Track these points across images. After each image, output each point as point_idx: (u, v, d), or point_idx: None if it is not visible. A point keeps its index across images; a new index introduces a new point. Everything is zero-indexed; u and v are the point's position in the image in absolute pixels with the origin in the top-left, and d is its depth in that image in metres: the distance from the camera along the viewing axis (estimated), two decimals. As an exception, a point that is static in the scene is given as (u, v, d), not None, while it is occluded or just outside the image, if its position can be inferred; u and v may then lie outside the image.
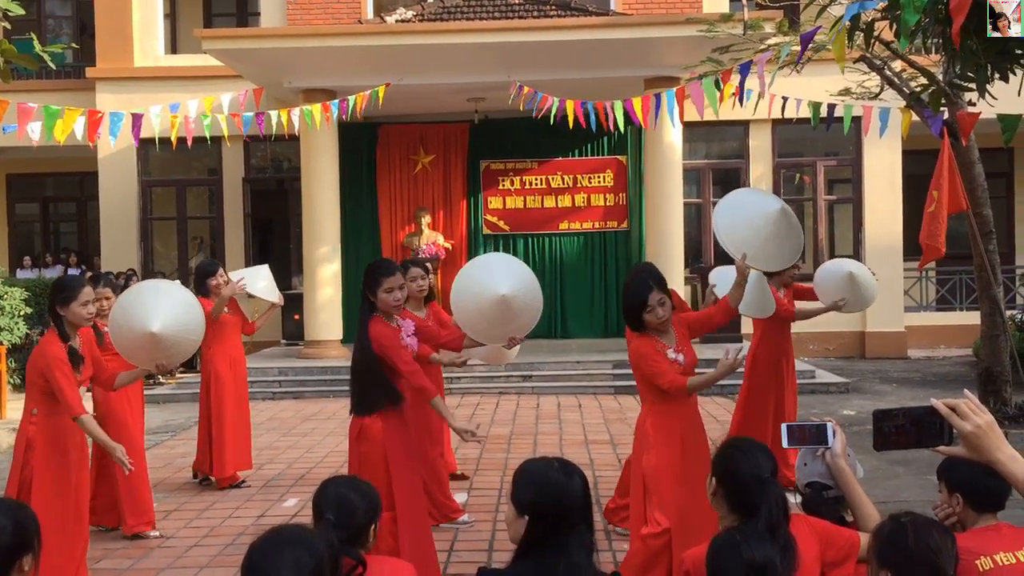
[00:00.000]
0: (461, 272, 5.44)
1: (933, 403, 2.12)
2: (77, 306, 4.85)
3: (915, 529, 2.41)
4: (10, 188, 18.49)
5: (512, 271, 5.27)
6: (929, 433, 2.13)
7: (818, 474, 3.02)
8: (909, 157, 14.61)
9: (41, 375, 4.78)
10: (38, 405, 4.86)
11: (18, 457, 4.89)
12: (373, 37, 11.87)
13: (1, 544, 2.25)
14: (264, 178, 15.99)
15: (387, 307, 4.81)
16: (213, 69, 13.52)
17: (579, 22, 11.97)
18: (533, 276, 5.32)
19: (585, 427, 9.40)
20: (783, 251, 5.33)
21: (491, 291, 5.05)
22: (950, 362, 14.04)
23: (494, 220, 14.75)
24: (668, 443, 4.63)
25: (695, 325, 4.90)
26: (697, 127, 14.03)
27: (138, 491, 6.18)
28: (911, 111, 7.88)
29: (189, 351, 5.19)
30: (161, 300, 4.99)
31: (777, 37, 9.74)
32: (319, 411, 10.78)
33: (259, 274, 7.84)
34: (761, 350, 6.91)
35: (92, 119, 6.84)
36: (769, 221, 5.20)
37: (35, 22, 16.08)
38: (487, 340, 5.31)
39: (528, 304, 5.16)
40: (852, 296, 6.96)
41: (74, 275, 7.73)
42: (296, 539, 2.18)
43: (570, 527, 2.41)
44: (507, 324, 5.14)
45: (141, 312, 4.88)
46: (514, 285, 5.07)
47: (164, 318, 4.88)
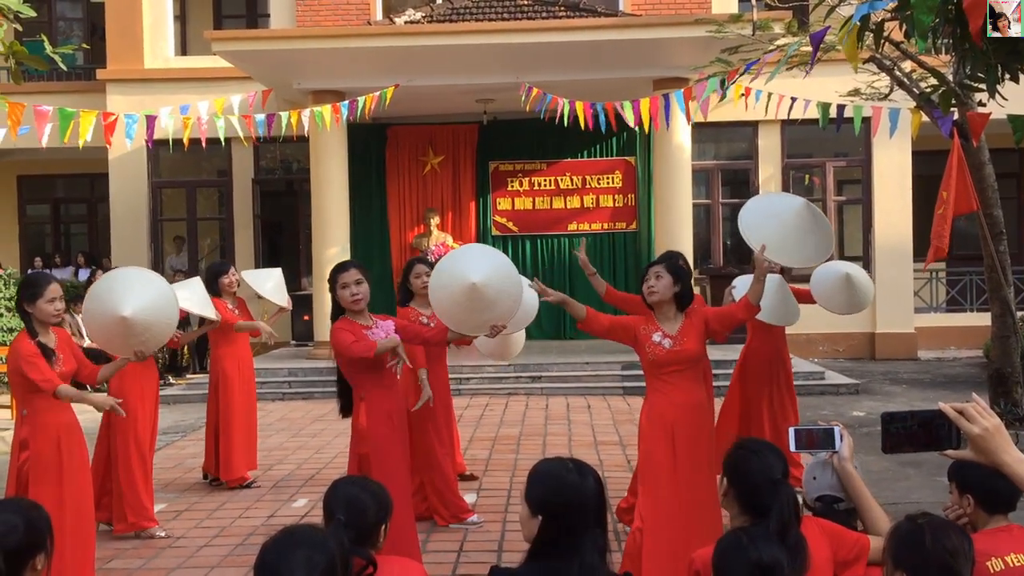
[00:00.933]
0: (437, 264, 5.33)
1: (941, 407, 2.13)
2: (43, 303, 4.87)
3: (932, 530, 2.39)
4: (21, 190, 18.57)
5: (485, 259, 5.13)
6: (937, 436, 2.13)
7: (828, 487, 3.00)
8: (919, 158, 14.57)
9: (17, 372, 4.80)
10: (26, 405, 4.88)
11: (14, 460, 4.90)
12: (382, 38, 11.89)
13: (14, 543, 2.27)
14: (273, 179, 16.04)
15: (347, 304, 4.89)
16: (223, 71, 13.58)
17: (588, 23, 11.97)
18: (508, 263, 5.17)
19: (594, 428, 9.39)
20: (806, 246, 5.26)
21: (461, 279, 4.92)
22: (960, 363, 13.99)
23: (503, 221, 14.75)
24: (656, 434, 4.64)
25: (714, 320, 4.87)
26: (706, 128, 14.02)
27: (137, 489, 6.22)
28: (921, 112, 7.86)
29: (165, 334, 5.13)
30: (131, 286, 4.95)
31: (786, 37, 9.74)
32: (329, 412, 10.78)
33: (270, 276, 7.85)
34: (752, 350, 6.88)
35: (107, 121, 6.88)
36: (793, 213, 5.20)
37: (46, 24, 16.15)
38: (467, 330, 5.18)
39: (503, 291, 5.00)
40: (847, 298, 6.87)
41: (41, 272, 7.75)
42: (309, 539, 2.19)
43: (584, 528, 2.41)
44: (483, 312, 4.99)
45: (112, 298, 4.85)
46: (486, 272, 4.93)
47: (135, 303, 4.86)
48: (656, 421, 4.66)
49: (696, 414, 4.73)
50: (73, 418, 5.01)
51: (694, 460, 4.60)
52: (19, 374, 4.80)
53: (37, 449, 4.80)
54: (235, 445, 7.34)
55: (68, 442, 4.88)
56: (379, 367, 4.92)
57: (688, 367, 4.71)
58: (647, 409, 4.75)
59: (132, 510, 6.19)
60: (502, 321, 5.05)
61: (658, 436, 4.63)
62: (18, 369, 4.79)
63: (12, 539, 2.27)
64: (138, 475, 6.26)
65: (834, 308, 6.97)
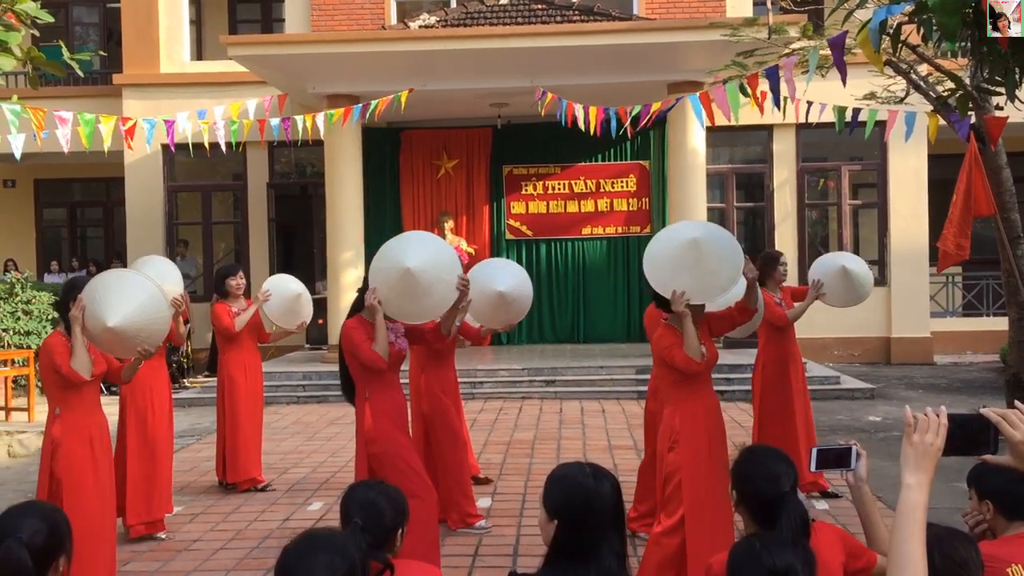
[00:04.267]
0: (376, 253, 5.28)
1: (982, 410, 2.10)
2: None
3: (939, 544, 2.37)
4: (38, 193, 18.70)
5: (420, 245, 5.17)
6: (976, 440, 2.10)
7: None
8: (935, 161, 14.51)
9: (49, 367, 4.88)
10: (59, 403, 4.94)
11: (45, 459, 4.95)
12: (397, 43, 11.92)
13: (38, 545, 2.29)
14: (288, 183, 16.10)
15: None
16: (238, 75, 13.64)
17: (602, 27, 11.97)
18: (440, 244, 5.27)
19: (608, 432, 9.38)
20: (710, 278, 4.79)
21: (396, 264, 4.99)
22: (977, 368, 13.91)
23: (517, 225, 14.76)
24: (696, 439, 4.66)
25: (714, 322, 4.98)
26: (720, 131, 13.99)
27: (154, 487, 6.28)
28: (938, 115, 7.83)
29: (161, 330, 5.03)
30: (110, 293, 4.87)
31: (802, 41, 9.71)
32: (343, 415, 10.81)
33: (285, 289, 7.69)
34: (767, 356, 6.85)
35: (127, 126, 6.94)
36: (682, 253, 4.76)
37: (63, 29, 16.27)
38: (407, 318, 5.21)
39: (439, 278, 5.05)
40: (844, 290, 6.85)
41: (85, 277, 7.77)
42: (330, 544, 2.20)
43: (600, 533, 2.41)
44: (419, 299, 5.04)
45: (95, 310, 4.82)
46: (420, 259, 4.99)
47: (120, 310, 4.80)
48: (700, 424, 4.70)
49: (722, 419, 4.90)
50: (103, 418, 5.10)
51: (724, 461, 4.63)
52: (53, 370, 4.86)
53: (70, 448, 4.85)
54: (240, 447, 7.38)
55: (98, 442, 4.95)
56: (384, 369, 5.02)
57: (710, 372, 4.85)
58: (680, 417, 4.71)
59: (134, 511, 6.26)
60: (442, 307, 5.12)
61: (701, 440, 4.68)
62: (52, 364, 4.86)
63: (37, 541, 2.29)
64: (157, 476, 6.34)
65: (832, 302, 6.95)
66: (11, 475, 8.40)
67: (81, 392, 4.96)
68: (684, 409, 4.73)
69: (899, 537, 1.92)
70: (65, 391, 4.91)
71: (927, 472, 1.95)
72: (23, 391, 12.03)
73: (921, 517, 1.93)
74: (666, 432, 4.77)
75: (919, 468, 1.95)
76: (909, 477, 1.95)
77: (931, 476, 1.96)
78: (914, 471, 1.95)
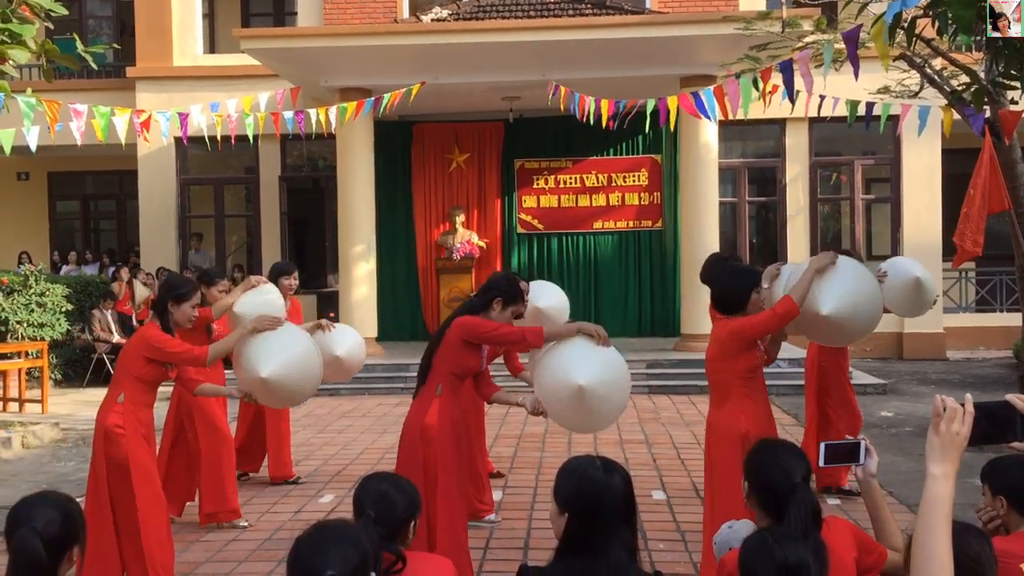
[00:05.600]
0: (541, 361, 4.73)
1: (1008, 398, 2.14)
2: (188, 307, 5.11)
3: (954, 538, 2.38)
4: (51, 186, 18.78)
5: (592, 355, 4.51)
6: (1003, 427, 2.13)
7: (735, 540, 2.88)
8: (949, 156, 14.44)
9: (141, 357, 4.91)
10: (127, 391, 4.93)
11: (98, 447, 4.90)
12: (409, 36, 11.92)
13: (52, 535, 2.31)
14: (300, 176, 16.13)
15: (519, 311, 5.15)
16: (251, 68, 13.67)
17: (615, 20, 11.94)
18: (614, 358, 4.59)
19: (620, 426, 9.37)
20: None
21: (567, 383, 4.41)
22: (990, 364, 13.85)
23: (528, 219, 14.76)
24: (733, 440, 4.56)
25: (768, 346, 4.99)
26: (733, 126, 13.92)
27: (223, 479, 6.33)
28: (952, 109, 7.79)
29: (305, 394, 5.31)
30: (276, 346, 5.01)
31: (815, 35, 9.67)
32: (355, 408, 10.85)
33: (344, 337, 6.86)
34: (823, 358, 6.74)
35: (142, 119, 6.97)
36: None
37: (76, 22, 16.33)
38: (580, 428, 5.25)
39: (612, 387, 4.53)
40: (911, 300, 6.54)
41: (187, 277, 7.73)
42: (342, 535, 2.21)
43: (611, 527, 2.41)
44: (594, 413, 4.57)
45: (255, 356, 4.97)
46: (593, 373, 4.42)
47: (274, 365, 4.94)
48: (764, 426, 4.62)
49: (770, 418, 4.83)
50: (153, 414, 5.12)
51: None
52: (143, 357, 4.90)
53: (133, 436, 4.84)
54: (284, 440, 7.42)
55: (150, 434, 5.02)
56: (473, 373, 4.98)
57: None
58: (748, 417, 4.60)
59: (211, 500, 6.35)
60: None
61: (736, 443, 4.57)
62: (145, 352, 4.90)
63: (51, 531, 2.31)
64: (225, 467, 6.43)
65: (898, 311, 6.65)
66: (25, 466, 8.46)
67: (153, 386, 5.01)
68: (745, 410, 4.60)
69: (924, 526, 1.92)
70: (139, 383, 4.93)
71: (953, 462, 1.95)
72: (36, 383, 12.10)
73: (947, 510, 1.92)
74: (732, 434, 4.54)
75: (945, 458, 1.95)
76: (935, 467, 1.95)
77: (956, 467, 1.96)
78: (940, 461, 1.95)
